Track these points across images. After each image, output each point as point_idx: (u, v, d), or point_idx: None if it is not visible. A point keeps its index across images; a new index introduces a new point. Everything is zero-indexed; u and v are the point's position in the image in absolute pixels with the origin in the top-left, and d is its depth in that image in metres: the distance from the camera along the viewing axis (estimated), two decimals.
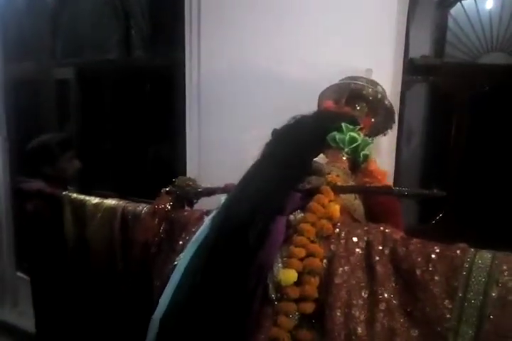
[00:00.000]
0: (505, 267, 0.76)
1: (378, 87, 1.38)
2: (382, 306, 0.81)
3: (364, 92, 1.34)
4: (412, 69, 1.92)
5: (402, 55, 1.73)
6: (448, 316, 0.77)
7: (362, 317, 0.81)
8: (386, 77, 1.68)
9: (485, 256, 0.78)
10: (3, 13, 2.98)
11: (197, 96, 2.00)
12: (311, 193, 0.95)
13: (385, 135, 1.46)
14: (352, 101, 1.34)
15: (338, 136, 1.09)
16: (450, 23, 2.12)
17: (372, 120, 1.36)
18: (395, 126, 1.73)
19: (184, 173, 2.08)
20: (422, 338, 0.79)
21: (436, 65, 2.03)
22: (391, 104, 1.38)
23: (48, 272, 1.61)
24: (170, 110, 2.34)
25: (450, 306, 0.77)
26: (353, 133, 1.09)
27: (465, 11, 2.12)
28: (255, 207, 0.91)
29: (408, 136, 2.04)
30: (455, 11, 2.12)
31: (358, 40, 1.69)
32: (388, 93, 1.68)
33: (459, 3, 2.11)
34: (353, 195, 1.04)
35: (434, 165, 2.15)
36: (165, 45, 2.51)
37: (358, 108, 1.34)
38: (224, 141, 1.94)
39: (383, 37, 1.67)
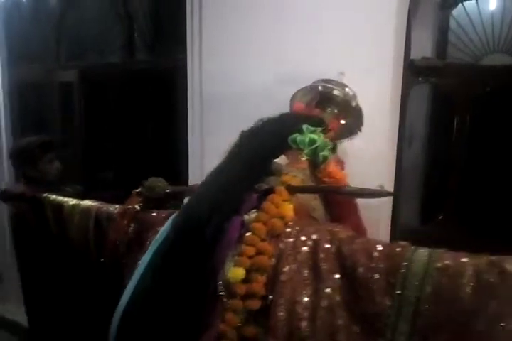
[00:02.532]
0: (439, 264, 0.79)
1: (347, 89, 1.40)
2: (325, 303, 0.84)
3: (333, 94, 1.37)
4: (414, 71, 1.92)
5: (403, 56, 1.73)
6: (387, 312, 0.80)
7: (305, 314, 0.84)
8: (387, 79, 1.69)
9: (421, 254, 0.81)
10: (7, 17, 3.01)
11: (199, 98, 2.01)
12: (267, 193, 1.00)
13: (351, 138, 1.48)
14: (322, 103, 1.37)
15: (298, 137, 1.13)
16: (452, 24, 2.11)
17: (343, 122, 1.39)
18: (396, 128, 1.74)
19: (186, 172, 2.09)
20: (362, 334, 0.82)
21: (437, 66, 2.03)
22: (359, 106, 1.41)
23: (34, 271, 1.68)
24: (172, 112, 2.36)
25: (389, 303, 0.80)
26: (312, 135, 1.13)
27: (467, 12, 2.12)
28: (213, 207, 0.96)
29: (409, 138, 2.03)
30: (457, 12, 2.12)
31: (358, 41, 1.69)
32: (389, 95, 1.69)
33: (460, 4, 2.10)
34: (312, 196, 1.09)
35: (436, 167, 2.14)
36: (167, 48, 2.53)
37: (328, 110, 1.37)
38: (226, 145, 1.94)
39: (384, 38, 1.67)
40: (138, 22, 2.68)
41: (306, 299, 0.85)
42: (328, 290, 0.84)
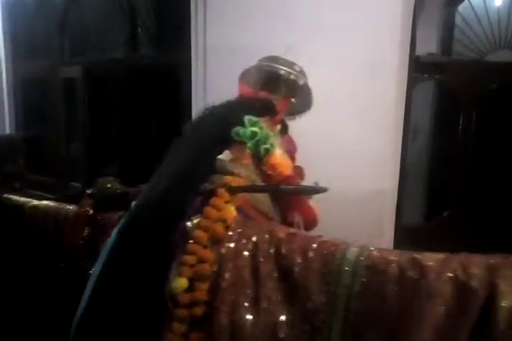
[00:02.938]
0: (367, 263, 0.82)
1: (295, 66, 1.33)
2: (265, 304, 0.87)
3: (280, 74, 1.31)
4: (419, 67, 1.91)
5: (409, 52, 1.72)
6: (323, 309, 0.83)
7: (247, 317, 0.87)
8: (392, 75, 1.68)
9: (352, 252, 0.84)
10: (11, 13, 3.00)
11: (203, 93, 2.00)
12: (210, 196, 0.99)
13: (300, 116, 1.43)
14: (270, 83, 1.30)
15: (241, 130, 1.08)
16: (457, 20, 2.11)
17: (293, 100, 1.34)
18: (401, 124, 1.73)
19: None
20: (302, 331, 0.85)
21: (443, 62, 2.02)
22: (307, 84, 1.36)
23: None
24: (176, 108, 2.35)
25: (324, 300, 0.84)
26: (253, 128, 1.08)
27: (473, 8, 2.11)
28: (157, 213, 0.95)
29: (414, 134, 2.03)
30: (462, 8, 2.11)
31: (363, 37, 1.68)
32: (394, 91, 1.68)
33: (466, 1, 2.09)
34: None
35: (440, 163, 2.14)
36: (171, 44, 2.52)
37: (277, 90, 1.30)
38: None
39: (389, 34, 1.66)
40: (142, 17, 2.67)
41: (246, 304, 0.88)
42: (268, 291, 0.88)
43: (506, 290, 0.74)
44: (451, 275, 0.77)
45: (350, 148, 1.71)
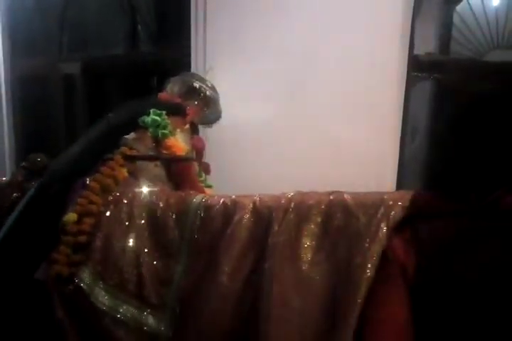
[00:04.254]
0: (206, 203, 1.21)
1: (207, 82, 1.68)
2: (133, 236, 1.19)
3: (194, 87, 1.65)
4: (417, 66, 1.92)
5: (407, 51, 1.74)
6: (175, 240, 1.18)
7: (116, 243, 1.18)
8: (390, 74, 1.69)
9: (198, 197, 1.24)
10: (10, 9, 2.99)
11: None
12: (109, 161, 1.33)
13: (209, 127, 1.78)
14: (186, 93, 1.64)
15: (145, 118, 1.42)
16: (456, 19, 2.11)
17: (205, 109, 1.67)
18: (399, 123, 1.74)
19: None
20: (160, 257, 1.18)
21: (441, 62, 2.03)
22: (217, 98, 1.69)
23: None
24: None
25: (176, 233, 1.18)
26: (155, 117, 1.41)
27: (471, 7, 2.11)
28: (65, 172, 1.33)
29: (412, 134, 2.04)
30: (461, 7, 2.11)
31: (362, 36, 1.69)
32: (392, 90, 1.70)
33: (465, 0, 2.10)
34: (152, 164, 1.42)
35: (438, 163, 2.15)
36: (171, 40, 2.52)
37: (190, 99, 1.63)
38: (229, 135, 1.95)
39: (388, 33, 1.68)
40: (142, 14, 2.68)
41: (119, 233, 1.19)
42: (137, 227, 1.20)
43: None
44: (251, 206, 1.13)
45: (349, 148, 1.73)
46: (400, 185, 1.78)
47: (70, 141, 2.72)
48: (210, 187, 1.65)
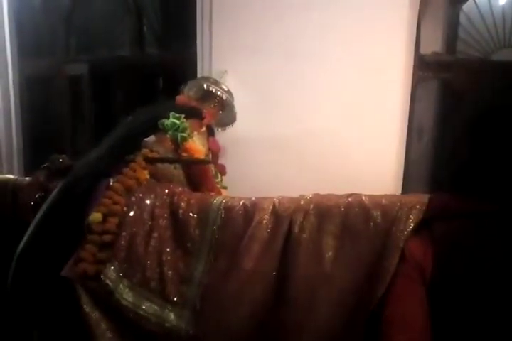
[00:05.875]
0: (225, 205, 1.24)
1: (223, 86, 1.70)
2: (156, 234, 1.23)
3: (210, 91, 1.67)
4: (423, 66, 1.91)
5: (413, 51, 1.73)
6: (197, 239, 1.21)
7: (140, 241, 1.21)
8: (397, 74, 1.69)
9: (219, 199, 1.27)
10: (18, 11, 3.02)
11: None
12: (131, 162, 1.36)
13: (224, 129, 1.81)
14: (203, 97, 1.68)
15: (165, 122, 1.44)
16: (462, 19, 2.10)
17: (220, 112, 1.71)
18: (405, 123, 1.74)
19: None
20: (181, 255, 1.21)
21: (447, 61, 2.02)
22: (231, 102, 1.71)
23: None
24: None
25: (198, 232, 1.22)
26: (174, 120, 1.44)
27: (478, 6, 2.11)
28: (89, 173, 1.34)
29: (418, 133, 2.03)
30: (467, 6, 2.10)
31: (368, 36, 1.69)
32: (399, 90, 1.69)
33: (471, 0, 2.09)
34: (171, 166, 1.44)
35: (445, 163, 2.14)
36: (177, 42, 2.53)
37: (207, 103, 1.67)
38: (236, 138, 1.95)
39: (394, 33, 1.67)
40: (148, 16, 2.69)
41: (142, 233, 1.22)
42: (159, 227, 1.24)
43: None
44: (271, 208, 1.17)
45: (354, 148, 1.72)
46: (406, 185, 1.78)
47: (76, 141, 2.75)
48: (225, 188, 1.67)
